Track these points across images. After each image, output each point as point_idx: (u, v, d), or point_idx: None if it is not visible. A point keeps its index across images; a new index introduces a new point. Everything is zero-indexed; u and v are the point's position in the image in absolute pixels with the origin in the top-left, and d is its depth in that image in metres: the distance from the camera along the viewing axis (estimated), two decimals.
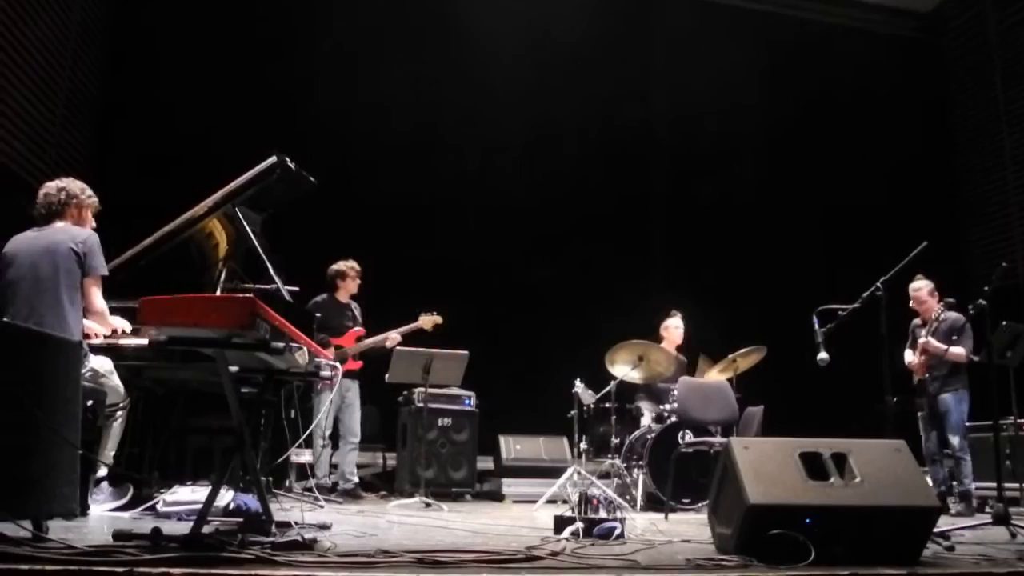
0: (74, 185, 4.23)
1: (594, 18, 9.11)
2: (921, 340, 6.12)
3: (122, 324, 4.28)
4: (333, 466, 6.50)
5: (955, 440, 6.02)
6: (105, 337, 4.27)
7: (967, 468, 6.01)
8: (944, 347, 6.06)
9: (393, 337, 6.47)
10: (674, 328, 7.06)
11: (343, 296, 6.67)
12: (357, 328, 6.58)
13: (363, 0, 8.67)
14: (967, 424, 6.21)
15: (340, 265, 6.68)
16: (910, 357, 6.32)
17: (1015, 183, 9.15)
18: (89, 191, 4.28)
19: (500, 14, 8.72)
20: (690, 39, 9.29)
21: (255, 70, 8.06)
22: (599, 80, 9.20)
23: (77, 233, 4.10)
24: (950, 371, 6.14)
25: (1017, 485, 6.36)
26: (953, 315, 6.13)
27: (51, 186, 4.21)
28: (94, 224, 4.34)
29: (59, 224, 4.14)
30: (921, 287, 6.25)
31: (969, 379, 6.17)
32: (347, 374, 6.43)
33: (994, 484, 4.69)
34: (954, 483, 6.13)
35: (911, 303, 6.31)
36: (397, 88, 8.52)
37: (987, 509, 5.83)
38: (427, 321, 6.53)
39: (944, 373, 6.15)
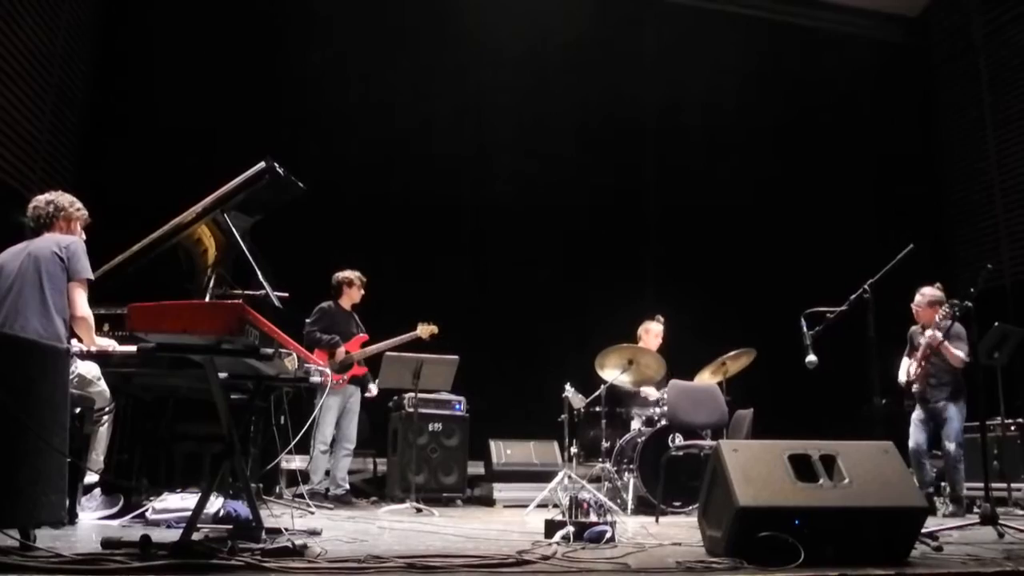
0: (63, 199, 4.31)
1: (588, 23, 9.14)
2: (928, 333, 5.98)
3: (110, 344, 4.25)
4: (326, 472, 6.48)
5: (951, 447, 6.00)
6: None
7: (960, 475, 6.02)
8: (949, 346, 5.97)
9: (403, 340, 6.45)
10: (654, 334, 6.99)
11: (346, 303, 6.67)
12: (362, 335, 6.59)
13: (360, 3, 8.66)
14: None
15: (347, 273, 6.68)
16: (907, 364, 6.22)
17: (1001, 186, 9.20)
18: (78, 204, 4.36)
19: (497, 19, 8.73)
20: (682, 44, 9.33)
21: (246, 74, 8.02)
22: (591, 86, 9.23)
23: (61, 239, 4.17)
24: (954, 381, 6.07)
25: (1004, 485, 6.41)
26: (955, 325, 6.10)
27: (40, 199, 4.30)
28: (83, 236, 4.38)
29: (47, 235, 4.21)
30: (919, 298, 6.18)
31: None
32: (351, 380, 6.47)
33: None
34: (943, 483, 6.15)
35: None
36: (390, 93, 8.52)
37: (975, 509, 5.86)
38: (424, 331, 6.52)
39: (946, 382, 6.08)
